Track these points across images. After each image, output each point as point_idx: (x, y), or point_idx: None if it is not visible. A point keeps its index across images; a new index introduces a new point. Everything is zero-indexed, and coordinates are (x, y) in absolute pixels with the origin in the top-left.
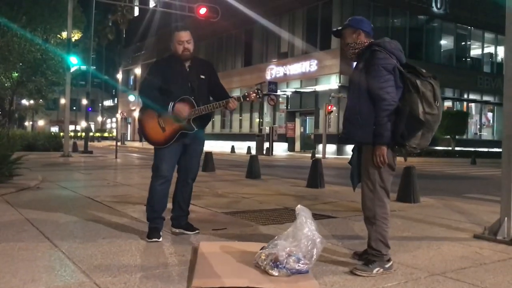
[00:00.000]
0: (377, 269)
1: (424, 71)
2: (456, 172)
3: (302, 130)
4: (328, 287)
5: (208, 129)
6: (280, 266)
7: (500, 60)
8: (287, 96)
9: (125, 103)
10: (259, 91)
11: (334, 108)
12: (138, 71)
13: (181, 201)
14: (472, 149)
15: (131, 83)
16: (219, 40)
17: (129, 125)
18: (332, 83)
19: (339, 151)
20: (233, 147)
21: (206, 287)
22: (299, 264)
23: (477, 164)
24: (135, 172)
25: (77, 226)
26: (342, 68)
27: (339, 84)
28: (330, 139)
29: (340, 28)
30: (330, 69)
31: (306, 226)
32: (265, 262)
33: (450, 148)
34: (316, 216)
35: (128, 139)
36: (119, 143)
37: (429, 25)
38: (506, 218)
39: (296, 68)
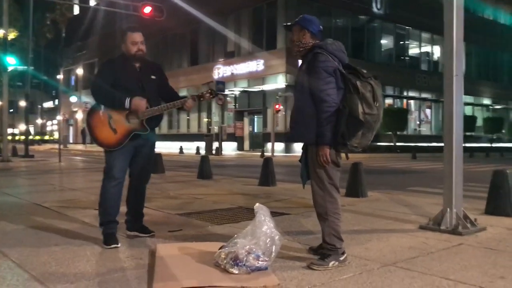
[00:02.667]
0: (332, 262)
1: (365, 71)
2: (399, 167)
3: (250, 129)
4: (287, 282)
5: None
6: (240, 264)
7: (436, 58)
8: (235, 96)
9: (66, 104)
10: (213, 91)
11: (282, 107)
12: (80, 71)
13: (135, 204)
14: (412, 144)
15: (73, 84)
16: (164, 39)
17: (71, 127)
18: (279, 82)
19: (287, 149)
20: (181, 148)
21: None
22: (259, 261)
23: (417, 159)
24: (81, 175)
25: (26, 234)
26: (288, 67)
27: (286, 84)
28: (278, 137)
29: (289, 24)
30: (277, 69)
31: (265, 224)
32: (225, 261)
33: (392, 144)
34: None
35: (71, 141)
36: (61, 146)
37: (369, 25)
38: (448, 209)
39: (243, 67)
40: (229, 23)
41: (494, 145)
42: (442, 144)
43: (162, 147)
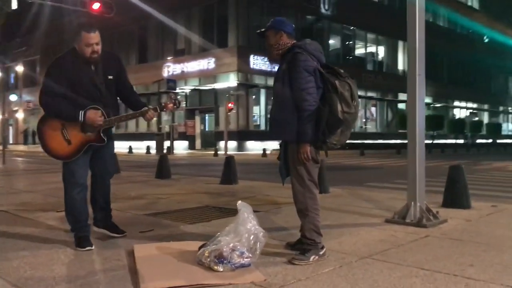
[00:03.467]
0: (313, 256)
1: (342, 71)
2: (351, 163)
3: (202, 127)
4: (272, 278)
5: None
6: (224, 261)
7: (381, 58)
8: (186, 94)
9: (6, 103)
10: (177, 101)
11: (234, 105)
12: (20, 68)
13: (101, 202)
14: (359, 141)
15: (12, 82)
16: (111, 35)
17: (10, 127)
18: (230, 80)
19: (240, 147)
20: (130, 147)
21: None
22: (243, 258)
23: (365, 155)
24: (33, 177)
25: None
26: (240, 66)
27: (238, 82)
28: (231, 135)
29: (263, 30)
30: (228, 67)
31: (249, 221)
32: (208, 259)
33: None
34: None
35: (10, 142)
36: (1, 147)
37: (318, 25)
38: (412, 203)
39: (194, 65)
40: (179, 20)
41: (435, 141)
42: (387, 141)
43: None
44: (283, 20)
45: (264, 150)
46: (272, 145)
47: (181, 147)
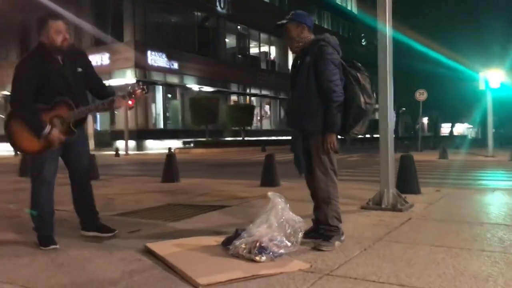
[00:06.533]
0: (337, 242)
1: (359, 65)
2: (262, 159)
3: (95, 126)
4: (313, 264)
5: None
6: (265, 252)
7: (273, 58)
8: None
9: None
10: (145, 87)
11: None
12: None
13: (84, 203)
14: (255, 138)
15: None
16: None
17: None
18: (128, 77)
19: (139, 147)
20: None
21: (214, 282)
22: (283, 248)
23: (267, 151)
24: None
25: None
26: (137, 62)
27: (136, 79)
28: (129, 134)
29: (284, 21)
30: (125, 63)
31: (283, 210)
32: (245, 251)
33: (240, 139)
34: (212, 208)
35: None
36: None
37: (214, 23)
38: (385, 190)
39: None
40: (69, 11)
41: None
42: (282, 138)
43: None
44: (305, 13)
45: (170, 148)
46: (175, 144)
47: None
